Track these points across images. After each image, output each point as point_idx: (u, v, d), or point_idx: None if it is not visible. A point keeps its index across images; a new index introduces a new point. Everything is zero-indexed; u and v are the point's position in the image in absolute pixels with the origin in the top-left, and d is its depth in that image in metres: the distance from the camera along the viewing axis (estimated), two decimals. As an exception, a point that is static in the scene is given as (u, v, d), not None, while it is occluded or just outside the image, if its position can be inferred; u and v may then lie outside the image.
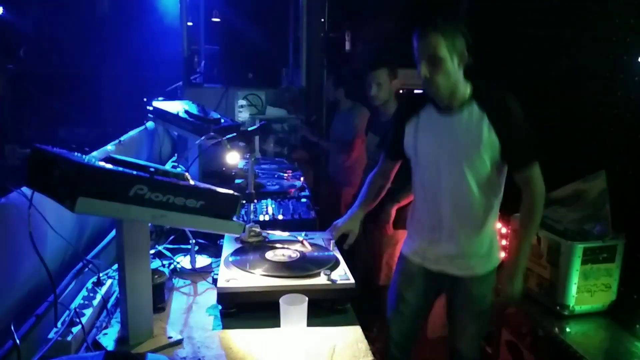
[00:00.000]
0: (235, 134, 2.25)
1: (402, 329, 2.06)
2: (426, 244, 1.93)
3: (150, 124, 2.89)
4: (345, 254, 1.82)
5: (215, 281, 1.69)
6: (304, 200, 2.55)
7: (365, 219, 2.10)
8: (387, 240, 2.73)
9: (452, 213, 1.83)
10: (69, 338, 1.28)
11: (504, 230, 2.40)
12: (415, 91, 3.56)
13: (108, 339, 1.37)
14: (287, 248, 1.79)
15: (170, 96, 3.56)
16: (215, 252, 1.95)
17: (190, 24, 4.09)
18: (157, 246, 1.96)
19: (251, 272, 1.59)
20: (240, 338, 1.41)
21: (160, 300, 1.54)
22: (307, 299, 1.34)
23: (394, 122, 2.00)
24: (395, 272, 2.10)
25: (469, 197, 1.79)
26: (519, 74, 3.07)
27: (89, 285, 1.57)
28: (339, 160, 3.69)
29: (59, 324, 1.32)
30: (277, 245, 1.82)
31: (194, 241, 1.87)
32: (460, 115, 1.76)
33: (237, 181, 2.77)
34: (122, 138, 2.37)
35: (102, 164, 1.19)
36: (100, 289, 1.55)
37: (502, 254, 1.97)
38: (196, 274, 1.82)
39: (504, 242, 2.37)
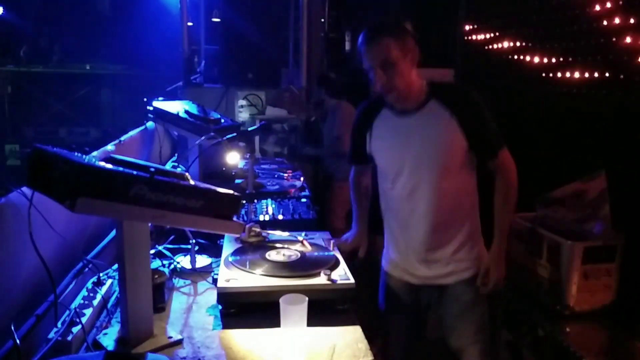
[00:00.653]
0: (235, 134, 2.25)
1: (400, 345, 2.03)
2: (403, 256, 1.86)
3: (150, 124, 2.89)
4: (347, 255, 1.82)
5: (215, 281, 1.69)
6: (304, 200, 2.55)
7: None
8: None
9: (426, 216, 1.76)
10: (69, 338, 1.27)
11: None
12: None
13: (108, 339, 1.37)
14: (287, 248, 1.79)
15: (170, 96, 3.56)
16: (215, 252, 1.95)
17: (190, 24, 4.09)
18: (157, 246, 1.95)
19: (251, 272, 1.58)
20: (240, 338, 1.41)
21: (160, 300, 1.54)
22: (307, 299, 1.34)
23: (352, 131, 1.94)
24: (380, 288, 2.03)
25: (440, 198, 1.75)
26: (520, 74, 3.07)
27: (89, 285, 1.57)
28: (333, 158, 3.71)
29: (59, 324, 1.32)
30: (277, 245, 1.82)
31: (194, 241, 1.87)
32: (419, 114, 1.73)
33: (237, 181, 2.77)
34: (122, 138, 2.36)
35: (102, 164, 1.19)
36: (100, 289, 1.55)
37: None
38: (196, 274, 1.82)
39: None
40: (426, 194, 1.75)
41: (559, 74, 2.61)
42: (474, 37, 3.68)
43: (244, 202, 2.16)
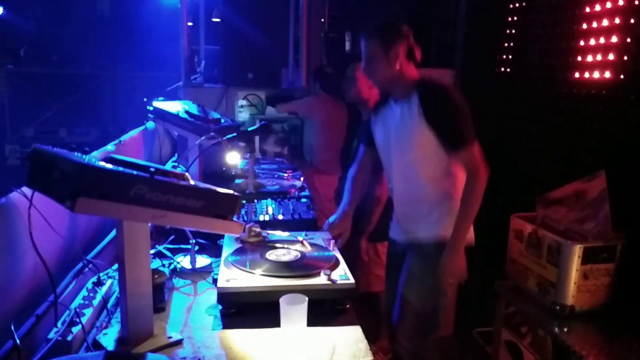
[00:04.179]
0: (235, 134, 2.25)
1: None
2: (396, 221, 2.22)
3: (150, 124, 2.89)
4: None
5: (215, 281, 1.69)
6: (304, 200, 2.54)
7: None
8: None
9: (404, 193, 2.10)
10: (69, 338, 1.27)
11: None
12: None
13: (108, 339, 1.37)
14: (287, 248, 1.79)
15: (171, 96, 3.56)
16: (215, 252, 1.95)
17: (190, 24, 4.08)
18: (157, 246, 1.96)
19: (251, 272, 1.59)
20: (240, 338, 1.41)
21: (160, 300, 1.54)
22: (307, 299, 1.34)
23: (370, 114, 2.29)
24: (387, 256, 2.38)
25: (414, 179, 2.03)
26: (520, 75, 3.07)
27: (89, 285, 1.57)
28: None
29: (59, 324, 1.32)
30: (277, 245, 1.82)
31: (194, 241, 1.87)
32: (402, 105, 2.01)
33: (237, 181, 2.77)
34: (122, 138, 2.37)
35: (102, 164, 1.19)
36: (100, 289, 1.55)
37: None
38: (196, 274, 1.82)
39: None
40: (403, 174, 2.07)
41: (559, 74, 2.60)
42: (474, 37, 3.68)
43: (244, 202, 2.16)
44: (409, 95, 1.98)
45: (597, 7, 2.32)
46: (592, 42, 2.35)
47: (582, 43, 2.43)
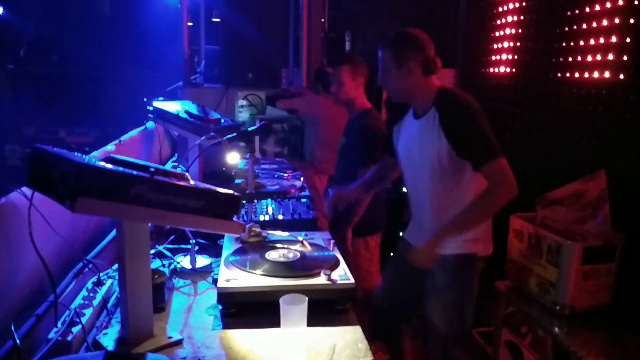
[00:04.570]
0: (235, 134, 2.25)
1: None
2: (413, 230, 2.17)
3: (150, 124, 2.89)
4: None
5: (215, 281, 1.69)
6: (304, 200, 2.54)
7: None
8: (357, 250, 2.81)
9: (425, 205, 2.00)
10: (69, 338, 1.27)
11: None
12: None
13: (108, 339, 1.37)
14: (287, 248, 1.79)
15: (171, 96, 3.56)
16: (215, 252, 1.95)
17: (190, 24, 4.08)
18: (157, 246, 1.96)
19: (251, 272, 1.59)
20: (240, 338, 1.41)
21: (160, 300, 1.54)
22: (307, 299, 1.34)
23: (387, 125, 2.27)
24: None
25: (431, 192, 1.94)
26: (520, 75, 3.07)
27: (89, 285, 1.57)
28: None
29: (59, 324, 1.32)
30: (277, 245, 1.82)
31: (194, 241, 1.87)
32: (422, 120, 1.92)
33: (237, 181, 2.77)
34: (122, 138, 2.37)
35: (102, 164, 1.19)
36: (100, 289, 1.55)
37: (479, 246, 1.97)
38: (196, 274, 1.82)
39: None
40: (424, 191, 1.97)
41: (559, 74, 2.61)
42: (474, 37, 3.68)
43: (244, 202, 2.16)
44: (427, 109, 1.89)
45: (597, 7, 2.32)
46: (592, 42, 2.35)
47: (582, 43, 2.43)
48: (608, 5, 2.25)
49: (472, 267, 1.97)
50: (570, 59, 2.52)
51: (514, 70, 3.14)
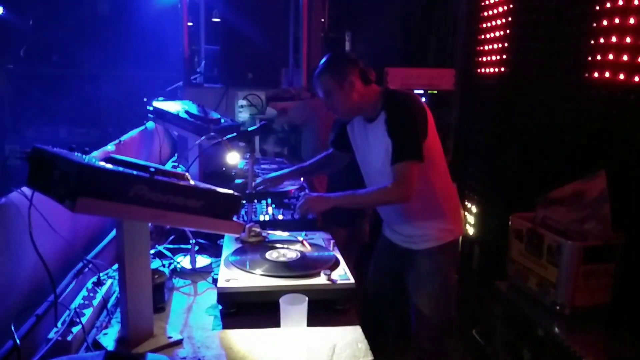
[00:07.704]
0: (235, 134, 2.25)
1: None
2: (388, 223, 2.23)
3: (150, 124, 2.89)
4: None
5: (215, 281, 1.69)
6: (304, 200, 2.54)
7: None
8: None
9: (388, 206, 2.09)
10: (69, 338, 1.27)
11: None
12: (415, 91, 3.57)
13: (108, 339, 1.37)
14: (287, 248, 1.79)
15: (170, 96, 3.56)
16: (215, 252, 1.95)
17: (190, 24, 4.08)
18: (157, 246, 1.96)
19: (251, 272, 1.59)
20: (240, 338, 1.41)
21: (160, 300, 1.54)
22: (307, 299, 1.34)
23: (338, 121, 2.28)
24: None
25: None
26: (520, 75, 3.07)
27: (89, 285, 1.57)
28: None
29: (59, 324, 1.32)
30: (277, 245, 1.82)
31: (194, 241, 1.87)
32: (373, 125, 1.98)
33: (237, 181, 2.77)
34: (122, 138, 2.36)
35: (102, 164, 1.19)
36: (100, 289, 1.55)
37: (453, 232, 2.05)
38: (196, 274, 1.82)
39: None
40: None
41: (559, 75, 2.61)
42: (474, 37, 3.68)
43: (244, 202, 2.16)
44: (378, 113, 1.95)
45: (597, 7, 2.32)
46: (592, 42, 2.35)
47: (581, 43, 2.43)
48: (608, 5, 2.25)
49: (453, 252, 2.09)
50: (569, 59, 2.52)
51: (513, 70, 3.14)
